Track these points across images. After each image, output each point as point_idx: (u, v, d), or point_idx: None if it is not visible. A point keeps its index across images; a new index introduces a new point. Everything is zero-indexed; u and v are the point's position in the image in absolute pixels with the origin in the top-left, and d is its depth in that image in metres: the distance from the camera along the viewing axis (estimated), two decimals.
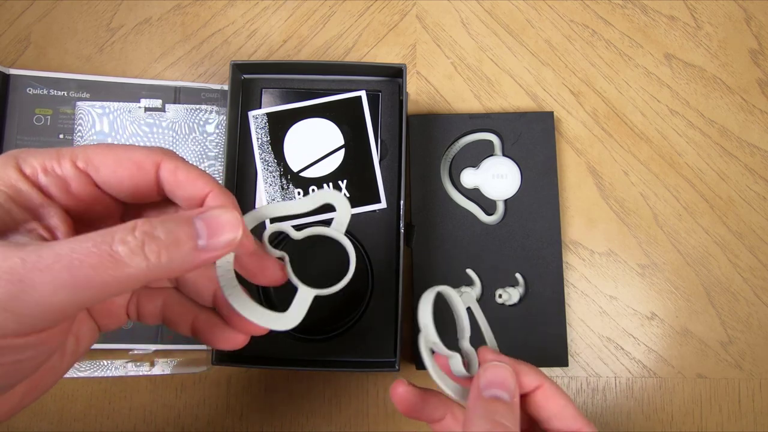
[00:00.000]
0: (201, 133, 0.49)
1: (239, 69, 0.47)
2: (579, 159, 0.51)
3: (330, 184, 0.47)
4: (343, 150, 0.48)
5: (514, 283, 0.47)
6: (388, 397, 0.47)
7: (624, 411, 0.47)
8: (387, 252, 0.47)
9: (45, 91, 0.48)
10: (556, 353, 0.46)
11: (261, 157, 0.47)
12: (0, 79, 0.47)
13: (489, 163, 0.49)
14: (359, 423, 0.47)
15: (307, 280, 0.28)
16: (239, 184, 0.47)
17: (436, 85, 0.52)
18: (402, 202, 0.43)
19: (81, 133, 0.48)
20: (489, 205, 0.49)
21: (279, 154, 0.47)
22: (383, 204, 0.47)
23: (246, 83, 0.48)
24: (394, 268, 0.47)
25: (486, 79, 0.52)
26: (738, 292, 0.49)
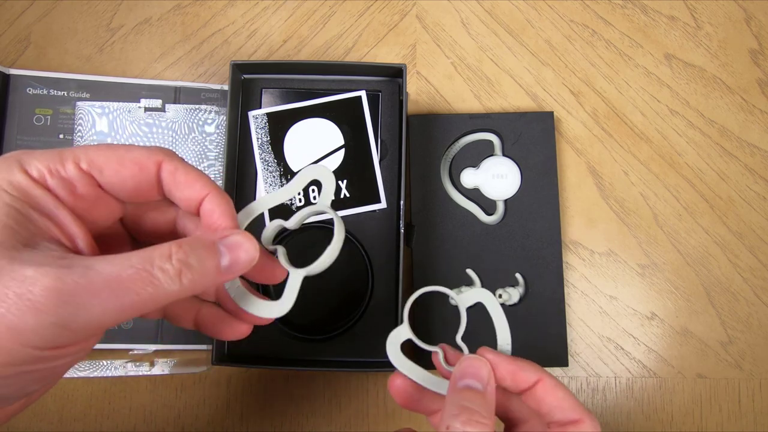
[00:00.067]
0: (201, 133, 0.49)
1: (239, 69, 0.47)
2: (579, 159, 0.51)
3: None
4: (343, 150, 0.48)
5: (514, 283, 0.47)
6: (388, 397, 0.47)
7: (624, 411, 0.47)
8: (387, 252, 0.47)
9: (45, 91, 0.48)
10: (556, 353, 0.46)
11: (261, 157, 0.47)
12: (0, 79, 0.47)
13: (489, 163, 0.49)
14: (359, 423, 0.47)
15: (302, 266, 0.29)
16: (239, 184, 0.47)
17: (436, 85, 0.52)
18: (402, 202, 0.43)
19: (81, 133, 0.48)
20: (489, 205, 0.49)
21: (279, 154, 0.47)
22: (383, 204, 0.47)
23: (246, 83, 0.48)
24: (394, 268, 0.47)
25: (486, 79, 0.52)
26: (738, 292, 0.49)
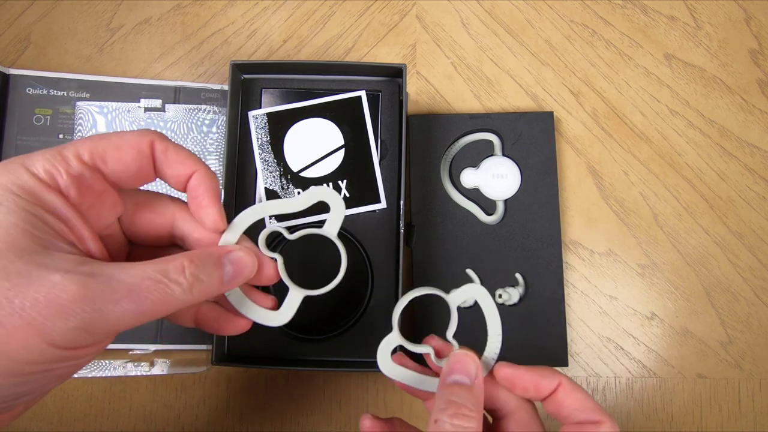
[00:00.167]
0: (201, 133, 0.49)
1: (239, 69, 0.47)
2: (579, 159, 0.51)
3: (330, 184, 0.47)
4: (343, 150, 0.48)
5: (514, 283, 0.47)
6: (387, 397, 0.47)
7: (624, 411, 0.47)
8: (387, 252, 0.47)
9: (45, 91, 0.48)
10: (556, 353, 0.46)
11: (261, 157, 0.47)
12: (0, 79, 0.47)
13: (489, 163, 0.49)
14: (359, 422, 0.47)
15: (301, 280, 0.31)
16: (239, 184, 0.47)
17: (436, 85, 0.52)
18: (402, 202, 0.43)
19: (81, 133, 0.48)
20: (489, 205, 0.49)
21: (279, 154, 0.47)
22: (383, 204, 0.47)
23: (246, 83, 0.48)
24: (394, 268, 0.47)
25: (486, 79, 0.52)
26: (738, 292, 0.49)
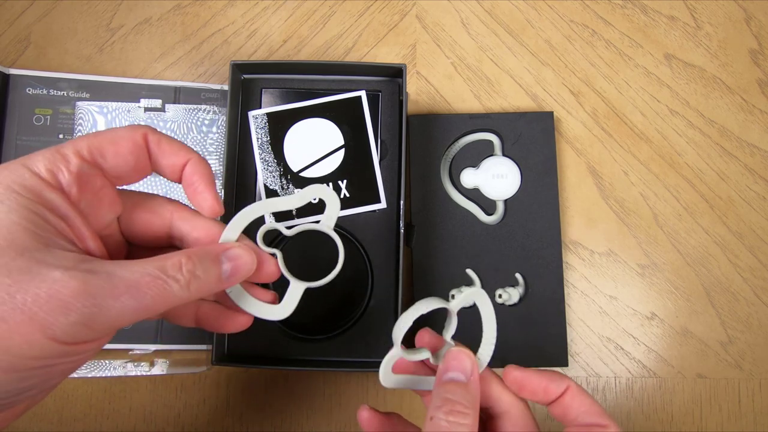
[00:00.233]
0: (201, 133, 0.49)
1: (239, 69, 0.47)
2: (579, 159, 0.51)
3: (330, 184, 0.47)
4: (343, 150, 0.48)
5: (514, 283, 0.47)
6: (387, 397, 0.47)
7: (624, 411, 0.47)
8: (387, 252, 0.47)
9: (45, 91, 0.48)
10: (555, 353, 0.46)
11: (261, 157, 0.47)
12: (0, 79, 0.47)
13: (489, 163, 0.49)
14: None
15: (301, 276, 0.31)
16: (239, 184, 0.47)
17: (436, 85, 0.52)
18: (402, 202, 0.43)
19: (81, 134, 0.48)
20: (489, 205, 0.49)
21: (279, 154, 0.47)
22: (383, 204, 0.47)
23: (246, 83, 0.48)
24: (394, 268, 0.47)
25: (486, 79, 0.52)
26: (738, 292, 0.49)
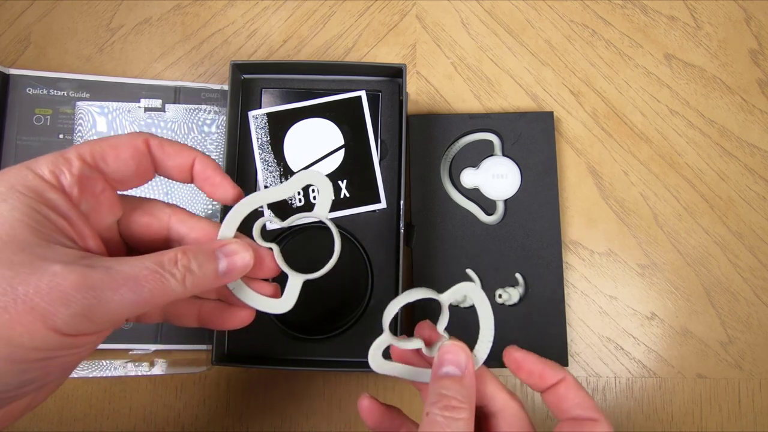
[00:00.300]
0: (201, 133, 0.49)
1: (239, 69, 0.47)
2: (579, 159, 0.51)
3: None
4: (343, 150, 0.48)
5: (514, 283, 0.47)
6: (387, 397, 0.47)
7: (624, 411, 0.47)
8: (387, 252, 0.47)
9: (45, 91, 0.48)
10: (555, 353, 0.46)
11: (261, 157, 0.47)
12: (0, 79, 0.47)
13: (489, 163, 0.49)
14: (359, 423, 0.47)
15: (300, 270, 0.31)
16: (239, 184, 0.47)
17: (436, 85, 0.52)
18: (402, 202, 0.43)
19: (81, 133, 0.48)
20: (489, 205, 0.49)
21: (279, 154, 0.47)
22: (383, 204, 0.47)
23: (246, 83, 0.48)
24: (394, 268, 0.47)
25: (486, 79, 0.52)
26: (738, 292, 0.49)
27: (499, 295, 0.47)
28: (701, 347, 0.48)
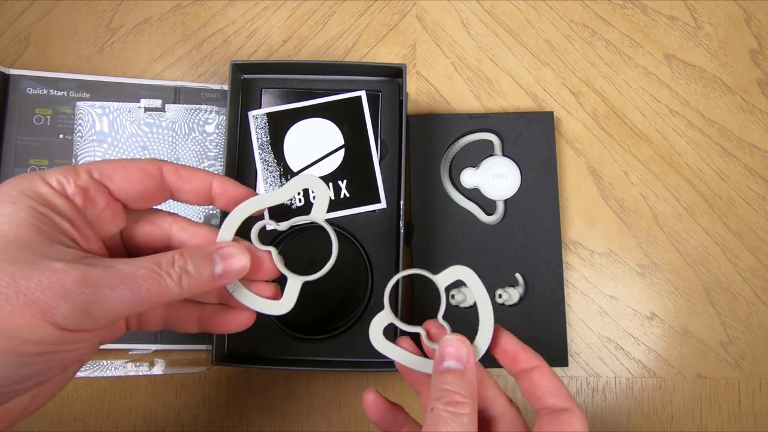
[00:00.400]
0: (201, 133, 0.49)
1: (239, 69, 0.47)
2: (579, 159, 0.51)
3: (330, 184, 0.47)
4: (343, 150, 0.48)
5: (514, 283, 0.47)
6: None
7: (624, 411, 0.47)
8: (387, 252, 0.47)
9: (45, 91, 0.48)
10: (556, 353, 0.46)
11: (261, 157, 0.47)
12: (0, 79, 0.47)
13: (489, 163, 0.49)
14: (359, 423, 0.47)
15: (299, 271, 0.31)
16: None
17: (436, 85, 0.52)
18: (402, 202, 0.43)
19: (81, 133, 0.48)
20: (489, 205, 0.49)
21: (279, 154, 0.47)
22: (383, 204, 0.47)
23: (246, 83, 0.48)
24: (394, 268, 0.47)
25: (486, 79, 0.52)
26: (738, 292, 0.49)
27: (499, 295, 0.47)
28: (701, 347, 0.48)
